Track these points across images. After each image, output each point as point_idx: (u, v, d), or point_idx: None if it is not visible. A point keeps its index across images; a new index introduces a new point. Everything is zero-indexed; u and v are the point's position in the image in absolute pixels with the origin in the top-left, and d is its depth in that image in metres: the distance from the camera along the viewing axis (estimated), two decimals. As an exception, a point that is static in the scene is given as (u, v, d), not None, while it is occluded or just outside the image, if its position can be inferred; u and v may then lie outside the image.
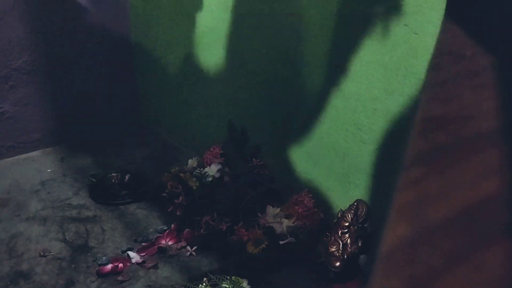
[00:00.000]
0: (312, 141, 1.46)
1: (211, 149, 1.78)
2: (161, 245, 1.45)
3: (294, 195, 1.45)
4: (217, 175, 1.67)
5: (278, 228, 1.40)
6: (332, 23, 1.28)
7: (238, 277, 1.29)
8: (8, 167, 1.87)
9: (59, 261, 1.40)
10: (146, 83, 2.15)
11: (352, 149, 1.34)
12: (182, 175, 1.59)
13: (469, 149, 0.36)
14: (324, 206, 1.42)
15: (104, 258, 1.39)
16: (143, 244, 1.46)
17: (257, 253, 1.33)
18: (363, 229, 1.33)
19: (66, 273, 1.35)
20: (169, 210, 1.53)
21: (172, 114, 2.05)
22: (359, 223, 1.33)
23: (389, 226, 0.28)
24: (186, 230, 1.48)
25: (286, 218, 1.41)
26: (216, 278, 1.28)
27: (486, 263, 0.25)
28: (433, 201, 0.30)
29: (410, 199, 0.30)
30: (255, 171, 1.64)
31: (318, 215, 1.40)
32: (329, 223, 1.40)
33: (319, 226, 1.40)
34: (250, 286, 1.27)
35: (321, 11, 1.30)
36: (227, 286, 1.26)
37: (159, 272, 1.37)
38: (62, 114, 2.01)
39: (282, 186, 1.61)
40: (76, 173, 1.84)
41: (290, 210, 1.42)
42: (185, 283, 1.32)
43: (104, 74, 2.07)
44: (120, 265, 1.37)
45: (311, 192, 1.44)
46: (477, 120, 0.40)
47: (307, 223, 1.39)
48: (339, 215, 1.37)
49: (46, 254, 1.42)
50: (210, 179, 1.65)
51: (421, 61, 1.11)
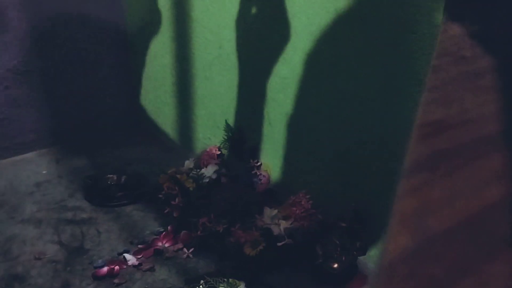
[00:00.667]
0: (310, 142, 1.45)
1: (208, 150, 1.77)
2: (158, 247, 1.44)
3: (292, 196, 1.44)
4: (214, 176, 1.66)
5: (276, 230, 1.39)
6: (330, 23, 1.27)
7: (235, 279, 1.28)
8: (3, 169, 1.86)
9: (55, 264, 1.38)
10: (142, 84, 2.13)
11: (350, 150, 1.33)
12: (179, 176, 1.58)
13: (471, 155, 0.35)
14: (322, 207, 1.41)
15: (100, 261, 1.38)
16: (140, 246, 1.45)
17: (255, 255, 1.33)
18: (361, 231, 1.33)
19: (62, 276, 1.34)
20: (166, 212, 1.52)
21: (169, 115, 2.04)
22: (357, 225, 1.32)
23: (391, 237, 0.27)
24: (183, 232, 1.47)
25: (284, 220, 1.40)
26: (213, 280, 1.27)
27: (491, 275, 0.24)
28: (435, 210, 0.29)
29: (411, 208, 0.29)
30: (253, 172, 1.63)
31: (316, 217, 1.40)
32: (327, 225, 1.39)
33: (317, 228, 1.39)
34: (248, 289, 1.27)
35: (318, 11, 1.29)
36: (224, 289, 1.26)
37: (156, 275, 1.36)
38: (58, 115, 1.99)
39: (280, 187, 1.60)
40: (72, 175, 1.83)
41: (288, 212, 1.41)
42: (182, 286, 1.31)
43: (100, 75, 2.05)
44: (116, 268, 1.36)
45: (309, 194, 1.43)
46: (479, 124, 0.39)
47: (305, 225, 1.38)
48: (337, 217, 1.36)
49: (41, 257, 1.41)
50: (207, 180, 1.64)
51: (420, 62, 1.10)
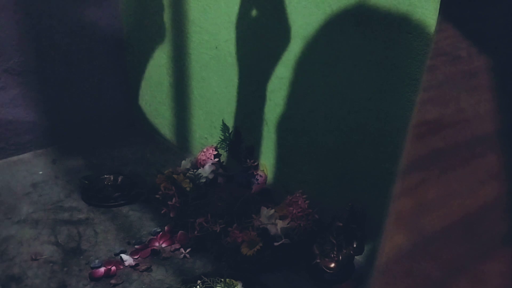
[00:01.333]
0: (307, 142, 1.45)
1: (205, 150, 1.77)
2: (155, 248, 1.44)
3: (289, 196, 1.44)
4: (211, 176, 1.66)
5: (273, 230, 1.39)
6: (326, 24, 1.28)
7: (232, 279, 1.28)
8: (-1, 169, 1.85)
9: (51, 265, 1.38)
10: (139, 84, 2.13)
11: (347, 150, 1.34)
12: (176, 177, 1.58)
13: (467, 154, 0.35)
14: (319, 207, 1.41)
15: (97, 261, 1.38)
16: (136, 247, 1.44)
17: (252, 255, 1.33)
18: (358, 230, 1.33)
19: (58, 277, 1.33)
20: (163, 212, 1.52)
21: (165, 115, 2.03)
22: (354, 224, 1.32)
23: (386, 236, 0.27)
24: (180, 232, 1.47)
25: (281, 219, 1.40)
26: (210, 281, 1.27)
27: (487, 274, 0.24)
28: (431, 209, 0.29)
29: (407, 207, 0.29)
30: (249, 172, 1.63)
31: (313, 216, 1.40)
32: (324, 224, 1.39)
33: (314, 227, 1.39)
34: (245, 288, 1.27)
35: (314, 12, 1.29)
36: (221, 289, 1.26)
37: (153, 275, 1.36)
38: (54, 116, 1.99)
39: (277, 187, 1.60)
40: (68, 175, 1.83)
41: (285, 211, 1.41)
42: (179, 286, 1.31)
43: (96, 75, 2.05)
44: (113, 268, 1.36)
45: (306, 193, 1.43)
46: (475, 124, 0.39)
47: (302, 224, 1.38)
48: (334, 216, 1.36)
49: (38, 258, 1.40)
50: (204, 180, 1.64)
51: (415, 62, 1.10)
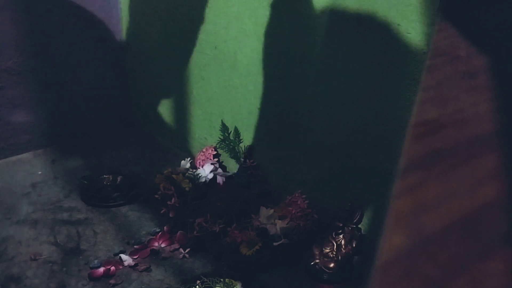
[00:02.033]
0: (306, 142, 1.45)
1: (204, 150, 1.77)
2: (154, 248, 1.44)
3: (288, 196, 1.44)
4: (210, 176, 1.66)
5: (272, 230, 1.39)
6: (326, 24, 1.28)
7: (232, 279, 1.28)
8: (-2, 169, 1.85)
9: (51, 265, 1.38)
10: (138, 84, 2.13)
11: (346, 150, 1.33)
12: (175, 177, 1.58)
13: (466, 154, 0.35)
14: (318, 207, 1.41)
15: (96, 261, 1.38)
16: (136, 247, 1.44)
17: (251, 255, 1.33)
18: (357, 230, 1.33)
19: (58, 277, 1.33)
20: (162, 212, 1.52)
21: (164, 115, 2.03)
22: (353, 224, 1.32)
23: (386, 236, 0.27)
24: (179, 232, 1.47)
25: (280, 219, 1.40)
26: (210, 281, 1.27)
27: (485, 275, 0.24)
28: (430, 209, 0.29)
29: (407, 207, 0.29)
30: (249, 172, 1.63)
31: (312, 216, 1.40)
32: (323, 224, 1.39)
33: (313, 227, 1.39)
34: (244, 288, 1.27)
35: (314, 12, 1.29)
36: (221, 289, 1.26)
37: (152, 275, 1.36)
38: (53, 116, 1.99)
39: (276, 187, 1.60)
40: (67, 175, 1.82)
41: (284, 211, 1.41)
42: (178, 286, 1.31)
43: (96, 75, 2.05)
44: (112, 268, 1.36)
45: (305, 193, 1.43)
46: (474, 124, 0.39)
47: (301, 224, 1.38)
48: (333, 216, 1.36)
49: (37, 258, 1.40)
50: (203, 180, 1.65)
51: (415, 62, 1.10)
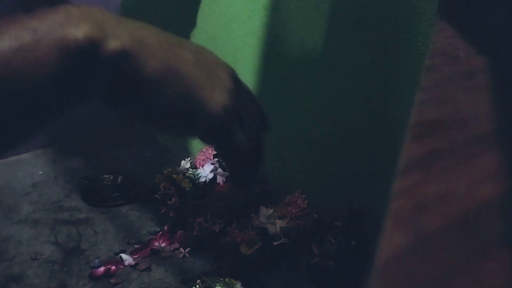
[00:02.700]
0: (305, 142, 1.45)
1: (204, 150, 1.77)
2: (154, 247, 1.44)
3: (288, 196, 1.44)
4: (210, 176, 1.66)
5: (272, 229, 1.40)
6: (324, 23, 1.28)
7: (232, 279, 1.28)
8: (-1, 169, 1.85)
9: (51, 264, 1.38)
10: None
11: (346, 150, 1.34)
12: (175, 177, 1.58)
13: (465, 154, 0.35)
14: (318, 207, 1.41)
15: (97, 261, 1.38)
16: (136, 246, 1.45)
17: (251, 254, 1.33)
18: (357, 230, 1.33)
19: (58, 276, 1.34)
20: (162, 212, 1.52)
21: (165, 115, 2.03)
22: (353, 224, 1.33)
23: (385, 236, 0.27)
24: (179, 232, 1.47)
25: (280, 219, 1.41)
26: (210, 280, 1.28)
27: (485, 274, 0.25)
28: (430, 209, 0.29)
29: (406, 207, 0.29)
30: (248, 172, 1.63)
31: (312, 216, 1.40)
32: (323, 224, 1.39)
33: (313, 227, 1.40)
34: (244, 288, 1.27)
35: (312, 11, 1.29)
36: (221, 288, 1.26)
37: (152, 274, 1.36)
38: (53, 115, 1.99)
39: (276, 187, 1.60)
40: (68, 175, 1.83)
41: (284, 211, 1.41)
42: (179, 285, 1.31)
43: (96, 75, 2.05)
44: (113, 268, 1.36)
45: (305, 193, 1.43)
46: (473, 124, 0.39)
47: (301, 224, 1.39)
48: (333, 216, 1.37)
49: (38, 257, 1.40)
50: (203, 180, 1.65)
51: (414, 62, 1.10)
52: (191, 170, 1.66)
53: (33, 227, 1.53)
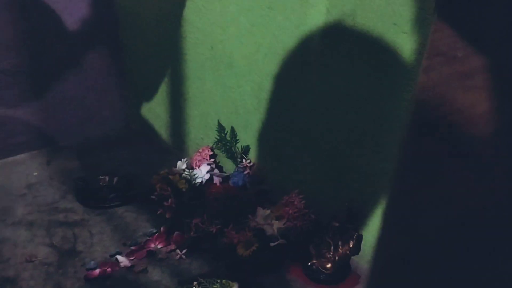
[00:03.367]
0: (303, 142, 1.45)
1: (200, 151, 1.77)
2: (151, 249, 1.44)
3: (285, 196, 1.44)
4: (207, 177, 1.66)
5: (269, 230, 1.39)
6: (321, 22, 1.27)
7: (229, 280, 1.27)
8: (-6, 171, 1.84)
9: (46, 266, 1.37)
10: (134, 85, 2.12)
11: (343, 150, 1.33)
12: (171, 177, 1.57)
13: (464, 154, 0.35)
14: (315, 207, 1.41)
15: (92, 263, 1.37)
16: (132, 248, 1.44)
17: (248, 255, 1.32)
18: (354, 230, 1.33)
19: (54, 279, 1.33)
20: (158, 213, 1.52)
21: (161, 116, 2.03)
22: (350, 224, 1.32)
23: (384, 237, 0.27)
24: (176, 233, 1.47)
25: (277, 220, 1.40)
26: (207, 281, 1.27)
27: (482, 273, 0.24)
28: (428, 210, 0.29)
29: (405, 208, 0.29)
30: (245, 172, 1.63)
31: (309, 216, 1.40)
32: (320, 224, 1.39)
33: (310, 228, 1.39)
34: (241, 289, 1.26)
35: (310, 10, 1.29)
36: (218, 290, 1.25)
37: (149, 276, 1.35)
38: (48, 116, 1.98)
39: (273, 187, 1.60)
40: (63, 176, 1.82)
41: (281, 212, 1.41)
42: (175, 287, 1.30)
43: (91, 76, 2.04)
44: (109, 270, 1.35)
45: (302, 193, 1.43)
46: (471, 124, 0.39)
47: (298, 225, 1.38)
48: (330, 216, 1.36)
49: (33, 259, 1.40)
50: (200, 181, 1.64)
51: (411, 62, 1.10)
52: (188, 171, 1.65)
53: (28, 229, 1.52)
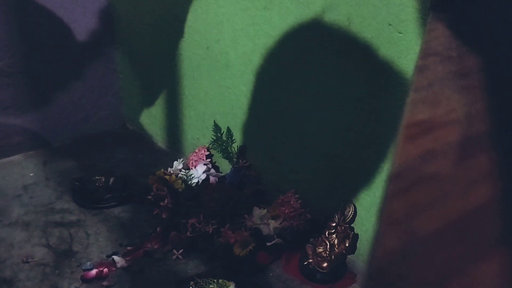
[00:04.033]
0: (299, 142, 1.45)
1: (197, 151, 1.77)
2: (147, 249, 1.44)
3: (281, 196, 1.44)
4: (203, 177, 1.66)
5: (265, 230, 1.39)
6: (317, 23, 1.28)
7: (225, 280, 1.27)
8: (-11, 172, 1.84)
9: (43, 267, 1.37)
10: (130, 85, 2.12)
11: (339, 150, 1.34)
12: (168, 177, 1.57)
13: (459, 155, 0.35)
14: (311, 207, 1.41)
15: (89, 263, 1.37)
16: (129, 248, 1.44)
17: (244, 255, 1.32)
18: (350, 229, 1.33)
19: (50, 279, 1.33)
20: (155, 213, 1.52)
21: (157, 116, 2.02)
22: (346, 223, 1.33)
23: (379, 239, 0.27)
24: (172, 233, 1.47)
25: (273, 219, 1.40)
26: (203, 281, 1.27)
27: (481, 276, 0.24)
28: (424, 211, 0.29)
29: (400, 210, 0.29)
30: (242, 172, 1.63)
31: (305, 216, 1.40)
32: (316, 224, 1.39)
33: (306, 227, 1.40)
34: (238, 289, 1.26)
35: (305, 11, 1.29)
36: (214, 290, 1.25)
37: (145, 277, 1.35)
38: (44, 117, 1.97)
39: (269, 187, 1.60)
40: (59, 177, 1.81)
41: (277, 211, 1.41)
42: (172, 287, 1.30)
43: (87, 76, 2.04)
44: (105, 270, 1.35)
45: (298, 193, 1.43)
46: (466, 124, 0.39)
47: (294, 224, 1.38)
48: (326, 216, 1.37)
49: (29, 260, 1.39)
50: (196, 181, 1.64)
51: (406, 61, 1.10)
52: (184, 171, 1.65)
53: (25, 230, 1.52)
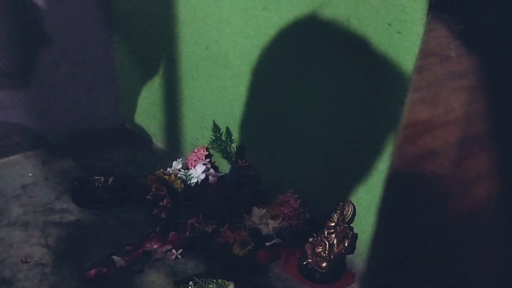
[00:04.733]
0: (298, 142, 1.45)
1: (196, 151, 1.77)
2: (146, 249, 1.43)
3: (280, 196, 1.44)
4: (202, 177, 1.66)
5: (264, 229, 1.40)
6: (316, 23, 1.28)
7: (225, 280, 1.27)
8: (-12, 172, 1.83)
9: (42, 267, 1.37)
10: (129, 85, 2.12)
11: (338, 150, 1.34)
12: (167, 177, 1.57)
13: (458, 154, 0.35)
14: (310, 207, 1.41)
15: (88, 263, 1.37)
16: (128, 248, 1.44)
17: (244, 255, 1.32)
18: (349, 229, 1.33)
19: (49, 279, 1.32)
20: (154, 213, 1.52)
21: (156, 116, 2.02)
22: (345, 223, 1.33)
23: (378, 238, 0.27)
24: (171, 233, 1.47)
25: (272, 219, 1.41)
26: (202, 281, 1.27)
27: (480, 277, 0.24)
28: (423, 210, 0.29)
29: (399, 208, 0.29)
30: (241, 172, 1.63)
31: (304, 216, 1.40)
32: (315, 223, 1.39)
33: (305, 227, 1.40)
34: (237, 289, 1.26)
35: (305, 11, 1.29)
36: (214, 289, 1.25)
37: (144, 276, 1.35)
38: (43, 117, 1.97)
39: (268, 187, 1.60)
40: (58, 177, 1.81)
41: (276, 211, 1.41)
42: (171, 287, 1.30)
43: (86, 76, 2.03)
44: (104, 270, 1.35)
45: (297, 193, 1.43)
46: (465, 124, 0.39)
47: (293, 224, 1.39)
48: (325, 215, 1.37)
49: (28, 260, 1.39)
50: (195, 181, 1.64)
51: (405, 61, 1.10)
52: (183, 171, 1.65)
53: (24, 230, 1.52)
